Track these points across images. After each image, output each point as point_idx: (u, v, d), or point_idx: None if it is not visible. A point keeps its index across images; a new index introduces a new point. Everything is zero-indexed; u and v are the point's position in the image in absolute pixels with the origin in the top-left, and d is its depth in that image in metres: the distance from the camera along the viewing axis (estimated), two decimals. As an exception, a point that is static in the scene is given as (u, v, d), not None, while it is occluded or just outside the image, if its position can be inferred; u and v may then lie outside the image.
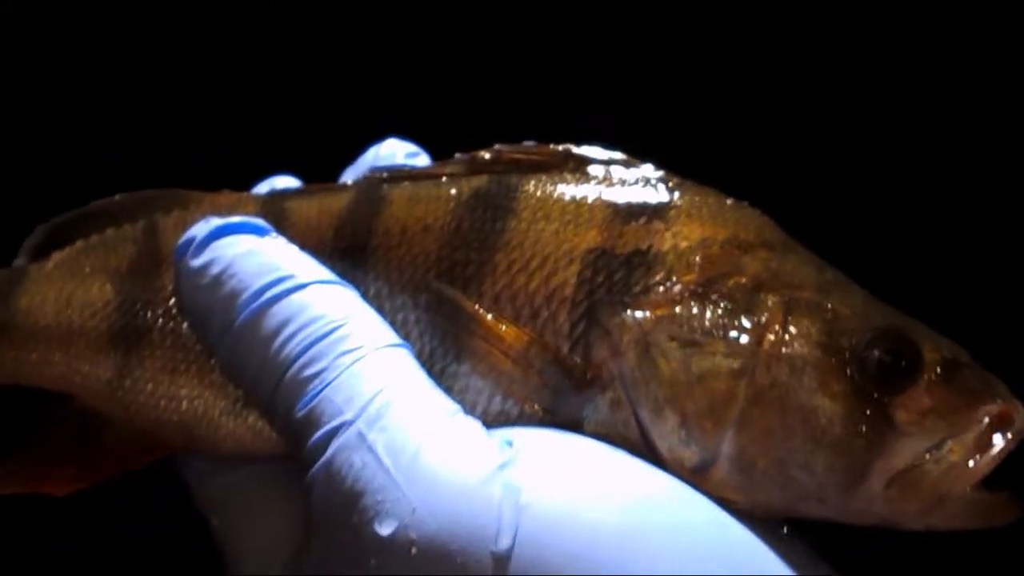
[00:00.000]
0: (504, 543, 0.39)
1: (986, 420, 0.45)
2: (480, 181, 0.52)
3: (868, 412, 0.45)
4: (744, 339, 0.46)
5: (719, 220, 0.49)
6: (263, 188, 0.58)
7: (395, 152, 0.57)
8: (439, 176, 0.53)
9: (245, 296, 0.46)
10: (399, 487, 0.40)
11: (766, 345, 0.46)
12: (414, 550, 0.39)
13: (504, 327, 0.48)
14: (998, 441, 0.45)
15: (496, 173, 0.52)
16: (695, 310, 0.47)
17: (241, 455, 0.52)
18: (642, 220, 0.49)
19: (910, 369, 0.45)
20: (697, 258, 0.48)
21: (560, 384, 0.48)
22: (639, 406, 0.46)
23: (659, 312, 0.47)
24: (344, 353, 0.44)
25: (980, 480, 0.45)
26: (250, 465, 0.52)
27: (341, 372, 0.43)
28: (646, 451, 0.47)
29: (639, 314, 0.47)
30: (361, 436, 0.42)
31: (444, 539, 0.39)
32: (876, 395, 0.45)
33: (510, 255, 0.49)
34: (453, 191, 0.52)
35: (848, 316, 0.46)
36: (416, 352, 0.48)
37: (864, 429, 0.45)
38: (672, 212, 0.49)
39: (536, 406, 0.48)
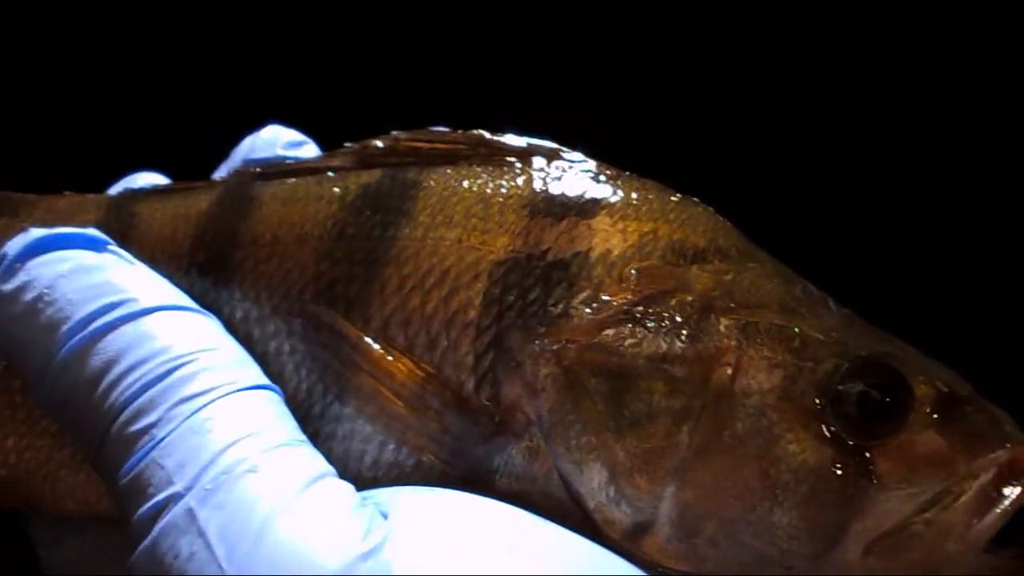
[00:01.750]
0: None
1: (992, 470, 0.36)
2: (371, 177, 0.43)
3: (843, 462, 0.36)
4: (689, 373, 0.37)
5: (660, 222, 0.40)
6: (118, 188, 0.48)
7: (275, 141, 0.47)
8: (322, 171, 0.43)
9: (68, 326, 0.36)
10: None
11: (716, 381, 0.36)
12: None
13: (395, 360, 0.38)
14: (1008, 495, 0.36)
15: (392, 166, 0.43)
16: (628, 337, 0.37)
17: (87, 515, 0.43)
18: (564, 223, 0.39)
19: (896, 408, 0.36)
20: (632, 271, 0.38)
21: (463, 430, 0.38)
22: (559, 457, 0.37)
23: (584, 340, 0.37)
24: (183, 400, 0.35)
25: (984, 543, 0.36)
26: (98, 527, 0.42)
27: (176, 426, 0.34)
28: (573, 512, 0.37)
29: (559, 343, 0.37)
30: (191, 515, 0.33)
31: None
32: (853, 441, 0.36)
33: (402, 270, 0.40)
34: (337, 190, 0.42)
35: (819, 343, 0.37)
36: (290, 393, 0.40)
37: (838, 484, 0.36)
38: (602, 212, 0.40)
39: (435, 457, 0.39)
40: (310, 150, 0.47)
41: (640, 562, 0.37)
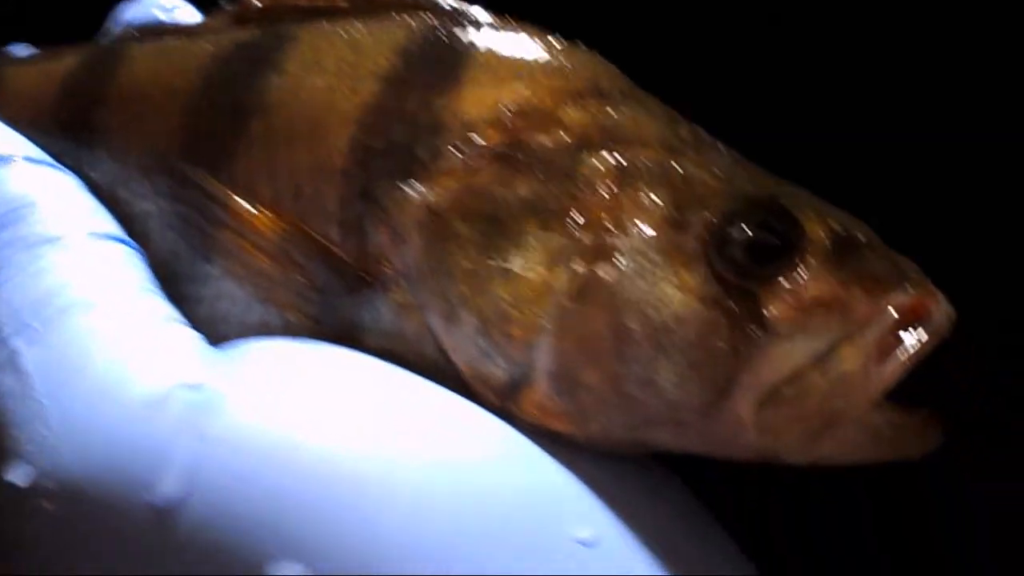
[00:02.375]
0: (165, 490, 0.27)
1: (891, 315, 0.33)
2: (245, 33, 0.40)
3: (731, 308, 0.33)
4: (564, 213, 0.34)
5: (541, 65, 0.37)
6: None
7: (150, 4, 0.44)
8: (199, 31, 0.41)
9: None
10: (45, 419, 0.28)
11: (592, 220, 0.34)
12: (50, 506, 0.27)
13: (259, 214, 0.36)
14: (908, 342, 0.33)
15: (269, 24, 0.40)
16: (500, 179, 0.35)
17: None
18: (439, 68, 0.37)
19: (787, 249, 0.34)
20: (507, 112, 0.36)
21: (329, 283, 0.36)
22: (428, 310, 0.35)
23: (452, 184, 0.35)
24: (24, 246, 0.33)
25: (884, 395, 0.33)
26: None
27: (14, 272, 0.33)
28: (450, 373, 0.35)
29: (426, 188, 0.35)
30: (14, 354, 0.30)
31: (91, 489, 0.27)
32: (742, 285, 0.33)
33: (269, 120, 0.37)
34: (208, 45, 0.40)
35: (705, 181, 0.34)
36: (157, 255, 0.38)
37: (726, 330, 0.33)
38: (480, 58, 0.37)
39: (303, 314, 0.36)
40: (187, 14, 0.44)
41: (522, 424, 0.34)
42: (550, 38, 0.38)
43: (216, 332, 0.37)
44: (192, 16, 0.45)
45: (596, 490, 0.32)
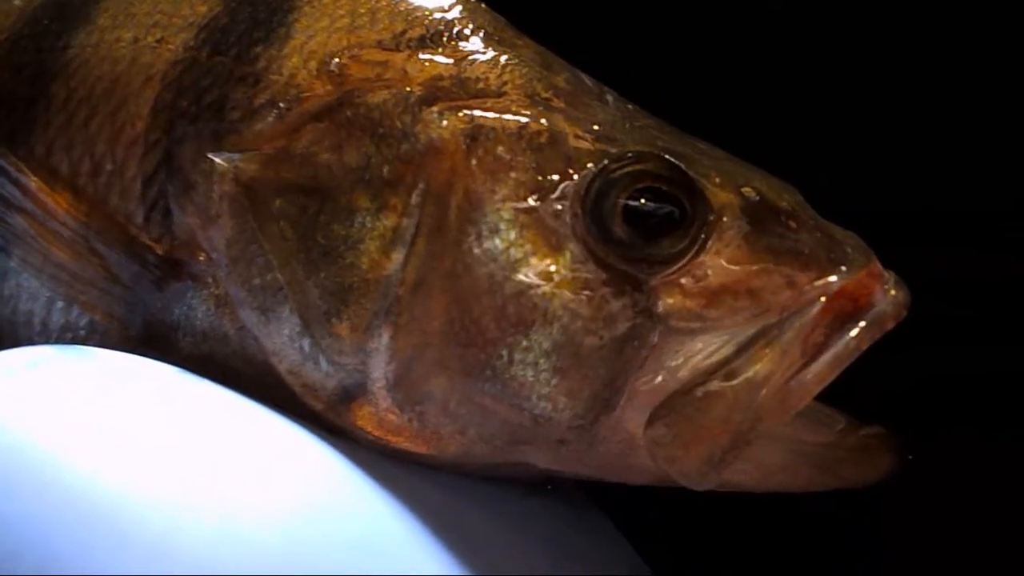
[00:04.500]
0: None
1: (819, 303, 0.26)
2: None
3: (611, 297, 0.26)
4: (401, 184, 0.27)
5: (385, 6, 0.30)
6: None
7: None
8: None
9: None
10: None
11: (436, 192, 0.27)
12: None
13: (55, 193, 0.30)
14: (841, 337, 0.26)
15: None
16: (324, 142, 0.28)
17: None
18: (262, 11, 0.30)
19: (682, 221, 0.26)
20: (336, 61, 0.29)
21: (134, 276, 0.29)
22: (242, 303, 0.28)
23: (268, 148, 0.28)
24: None
25: (815, 405, 0.26)
26: None
27: None
28: (273, 379, 0.28)
29: (237, 154, 0.28)
30: None
31: None
32: (624, 268, 0.26)
33: (70, 83, 0.31)
34: (19, 2, 0.34)
35: (577, 138, 0.27)
36: None
37: (605, 325, 0.26)
38: (314, 0, 0.30)
39: (109, 315, 0.30)
40: None
41: (362, 441, 0.27)
42: None
43: (18, 336, 0.31)
44: None
45: (437, 537, 0.26)
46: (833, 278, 0.26)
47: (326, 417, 0.28)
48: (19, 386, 0.26)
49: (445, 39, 0.29)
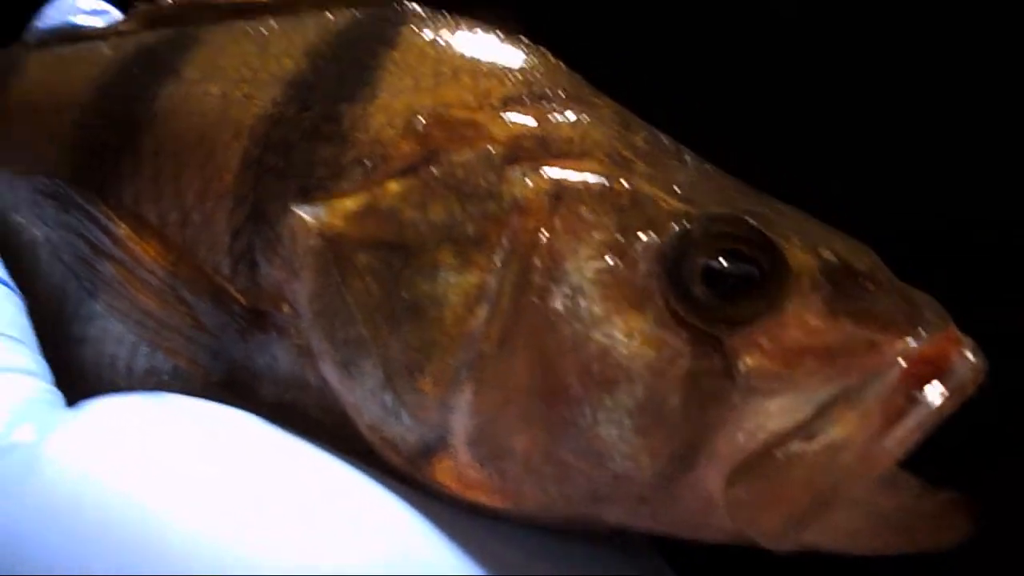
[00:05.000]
0: None
1: (899, 366, 0.26)
2: (151, 36, 0.35)
3: (692, 356, 0.26)
4: (485, 241, 0.28)
5: (469, 65, 0.31)
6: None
7: (70, 9, 0.40)
8: (107, 36, 0.36)
9: None
10: None
11: (520, 250, 0.28)
12: None
13: (143, 242, 0.31)
14: (924, 401, 0.26)
15: (184, 25, 0.35)
16: (410, 200, 0.29)
17: None
18: (349, 67, 0.31)
19: (761, 282, 0.27)
20: (422, 120, 0.30)
21: (220, 325, 0.30)
22: (324, 356, 0.29)
23: (353, 206, 0.29)
24: None
25: (892, 469, 0.26)
26: None
27: None
28: (351, 431, 0.29)
29: (324, 210, 0.29)
30: None
31: None
32: (706, 328, 0.27)
33: (159, 133, 0.32)
34: (108, 51, 0.35)
35: (658, 199, 0.28)
36: (43, 290, 0.34)
37: (686, 385, 0.26)
38: (399, 58, 0.31)
39: (193, 361, 0.31)
40: (105, 17, 0.40)
41: (440, 495, 0.28)
42: (488, 33, 0.32)
43: (102, 379, 0.32)
44: (111, 19, 0.40)
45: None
46: (913, 341, 0.26)
47: (404, 471, 0.28)
48: (101, 436, 0.26)
49: (526, 98, 0.30)
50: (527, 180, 0.28)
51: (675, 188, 0.28)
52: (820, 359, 0.26)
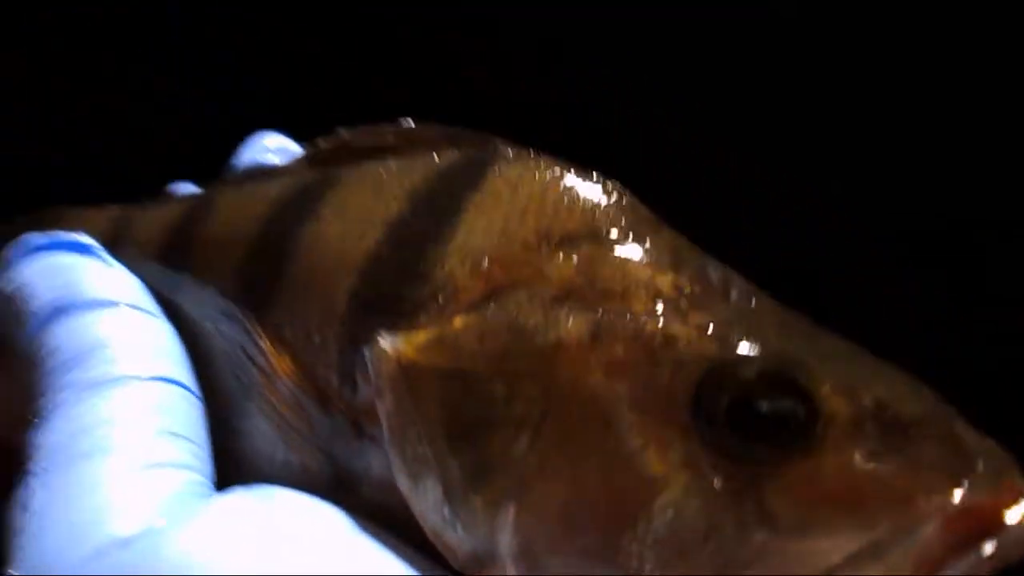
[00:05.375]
0: None
1: (936, 520, 0.26)
2: (309, 176, 0.42)
3: (719, 495, 0.28)
4: (531, 374, 0.31)
5: (535, 204, 0.34)
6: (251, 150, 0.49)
7: (262, 148, 0.48)
8: (274, 175, 0.44)
9: (30, 315, 0.39)
10: (26, 559, 0.31)
11: (561, 383, 0.30)
12: None
13: (280, 357, 0.37)
14: (961, 559, 0.25)
15: (336, 165, 0.41)
16: (472, 333, 0.32)
17: None
18: (437, 209, 0.35)
19: (793, 428, 0.27)
20: (486, 261, 0.33)
21: (330, 432, 0.36)
22: (398, 469, 0.33)
23: (424, 337, 0.33)
24: (73, 386, 0.36)
25: None
26: None
27: (54, 409, 0.35)
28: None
29: (400, 340, 0.33)
30: (30, 492, 0.33)
31: None
32: (733, 469, 0.28)
33: (298, 265, 0.38)
34: (274, 190, 0.42)
35: (687, 339, 0.29)
36: (219, 391, 0.40)
37: (711, 522, 0.27)
38: (478, 196, 0.35)
39: (312, 459, 0.36)
40: (286, 155, 0.47)
41: None
42: (562, 171, 0.35)
43: (253, 467, 0.38)
44: (291, 155, 0.47)
45: None
46: (955, 495, 0.25)
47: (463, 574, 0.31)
48: (217, 528, 0.31)
49: (583, 237, 0.33)
50: (570, 320, 0.31)
51: (709, 328, 0.29)
52: (848, 508, 0.26)
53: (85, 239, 0.42)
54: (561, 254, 0.32)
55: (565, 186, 0.35)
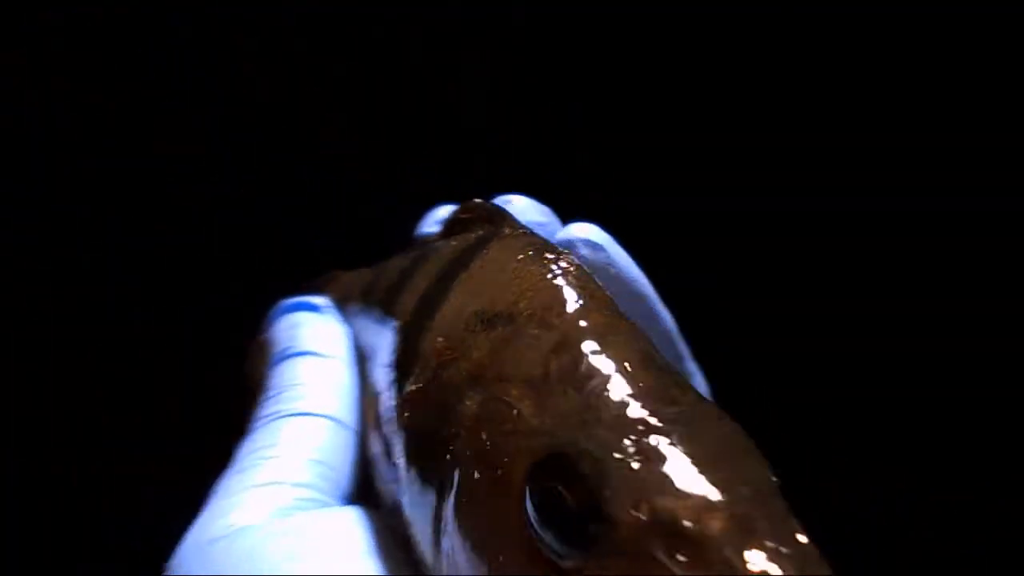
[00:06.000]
0: None
1: None
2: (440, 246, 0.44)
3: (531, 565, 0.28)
4: (444, 453, 0.32)
5: (487, 286, 0.35)
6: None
7: (433, 218, 0.49)
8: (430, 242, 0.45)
9: (269, 359, 0.46)
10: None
11: (450, 461, 0.31)
12: None
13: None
14: None
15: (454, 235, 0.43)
16: (415, 412, 0.35)
17: None
18: (439, 289, 0.38)
19: (569, 524, 0.27)
20: (439, 338, 0.35)
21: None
22: None
23: (398, 414, 0.36)
24: (259, 418, 0.42)
25: None
26: None
27: (251, 431, 0.41)
28: None
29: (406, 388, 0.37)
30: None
31: None
32: (550, 557, 0.27)
33: (404, 317, 0.42)
34: (418, 253, 0.45)
35: (532, 427, 0.29)
36: None
37: None
38: (463, 278, 0.37)
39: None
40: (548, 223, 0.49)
41: None
42: (530, 250, 0.36)
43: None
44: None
45: None
46: None
47: None
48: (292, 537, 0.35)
49: (503, 320, 0.33)
50: (469, 400, 0.32)
51: (555, 417, 0.29)
52: None
53: (318, 301, 0.49)
54: (485, 334, 0.33)
55: (517, 267, 0.35)
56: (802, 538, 0.25)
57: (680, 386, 0.30)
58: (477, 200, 0.42)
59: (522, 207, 0.46)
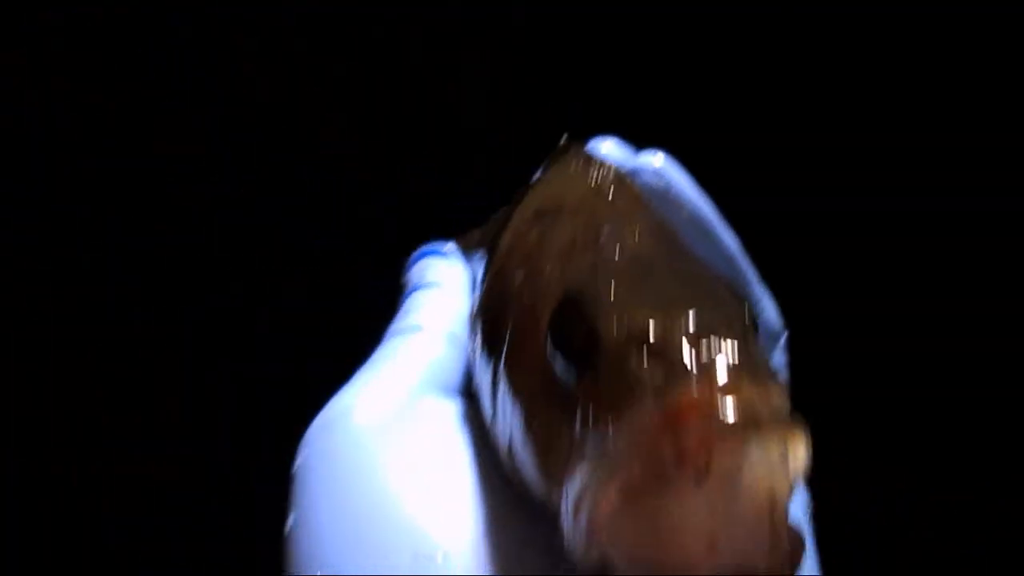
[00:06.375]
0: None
1: (629, 429, 0.28)
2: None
3: (556, 397, 0.32)
4: (503, 326, 0.37)
5: (541, 187, 0.44)
6: None
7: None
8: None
9: (406, 291, 0.51)
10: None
11: (508, 327, 0.37)
12: None
13: None
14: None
15: None
16: (487, 298, 0.41)
17: None
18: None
19: (584, 348, 0.31)
20: (508, 237, 0.41)
21: None
22: None
23: (477, 304, 0.43)
24: (392, 332, 0.46)
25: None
26: None
27: (381, 343, 0.46)
28: None
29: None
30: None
31: None
32: (560, 377, 0.32)
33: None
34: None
35: (556, 279, 0.35)
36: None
37: (554, 434, 0.31)
38: (530, 194, 0.44)
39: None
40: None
41: None
42: (581, 154, 0.43)
43: None
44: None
45: None
46: (643, 408, 0.27)
47: None
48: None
49: (551, 214, 0.39)
50: (516, 278, 0.38)
51: (572, 272, 0.34)
52: (596, 415, 0.29)
53: (445, 247, 0.53)
54: (536, 227, 0.39)
55: (569, 177, 0.42)
56: (756, 351, 0.29)
57: (690, 260, 0.35)
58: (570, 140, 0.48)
59: (608, 148, 0.50)
